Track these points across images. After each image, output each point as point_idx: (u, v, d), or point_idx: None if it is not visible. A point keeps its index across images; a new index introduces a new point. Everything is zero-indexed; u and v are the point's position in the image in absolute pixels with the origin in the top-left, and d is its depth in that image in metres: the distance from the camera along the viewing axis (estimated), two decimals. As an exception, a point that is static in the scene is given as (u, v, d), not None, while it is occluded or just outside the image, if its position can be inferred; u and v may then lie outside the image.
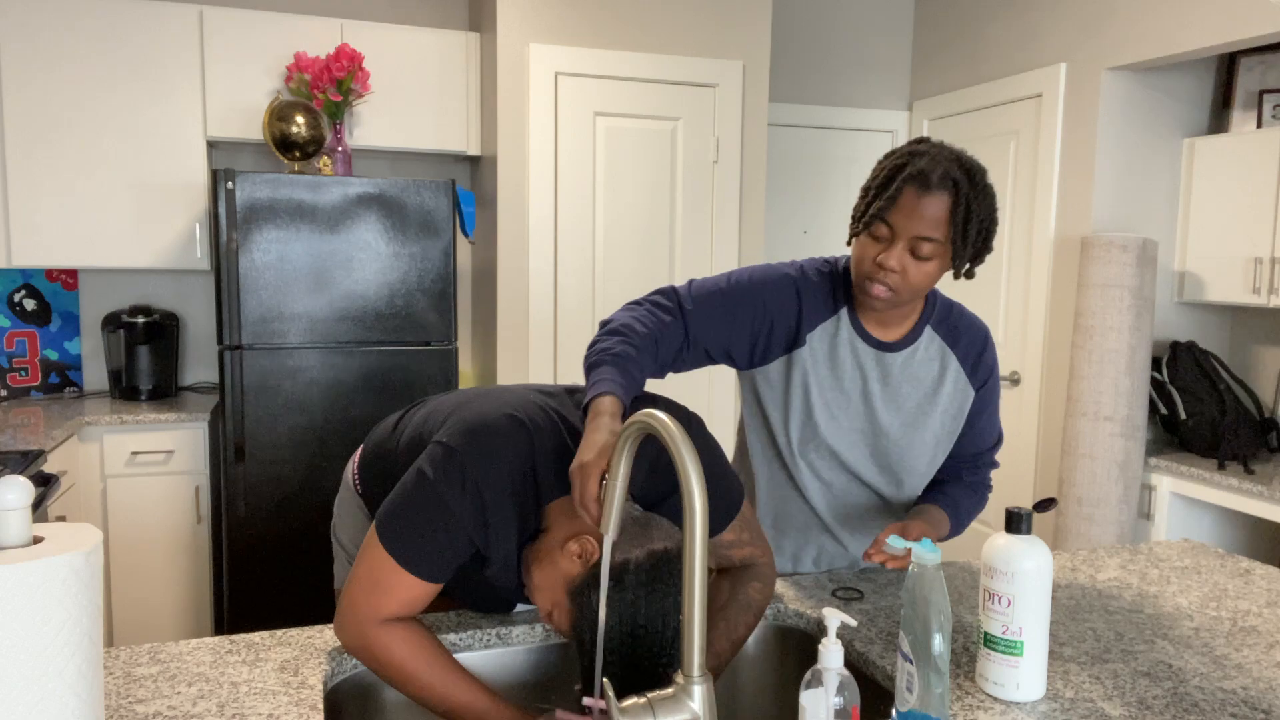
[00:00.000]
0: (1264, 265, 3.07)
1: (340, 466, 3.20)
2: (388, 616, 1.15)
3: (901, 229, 1.34)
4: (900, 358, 1.51)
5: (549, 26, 3.36)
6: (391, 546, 1.14)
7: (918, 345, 1.52)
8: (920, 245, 1.34)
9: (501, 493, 1.15)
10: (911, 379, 1.52)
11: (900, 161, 1.36)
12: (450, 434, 1.19)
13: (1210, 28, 2.93)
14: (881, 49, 4.36)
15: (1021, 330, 3.78)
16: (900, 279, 1.37)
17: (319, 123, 3.20)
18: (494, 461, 1.15)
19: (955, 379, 1.53)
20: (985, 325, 1.58)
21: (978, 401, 1.55)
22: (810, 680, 0.98)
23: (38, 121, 3.20)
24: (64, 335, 3.57)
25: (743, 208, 3.66)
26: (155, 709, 1.10)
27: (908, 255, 1.36)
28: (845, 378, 1.51)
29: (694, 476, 0.88)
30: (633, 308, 1.48)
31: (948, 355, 1.53)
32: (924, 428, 1.53)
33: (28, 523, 0.86)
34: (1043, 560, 1.14)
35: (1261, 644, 1.35)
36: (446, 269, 3.24)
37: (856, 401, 1.52)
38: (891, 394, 1.52)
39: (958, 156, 1.36)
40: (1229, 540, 3.32)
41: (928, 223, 1.33)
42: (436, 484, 1.14)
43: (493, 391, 1.31)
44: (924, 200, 1.32)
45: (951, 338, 1.53)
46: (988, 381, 1.56)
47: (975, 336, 1.55)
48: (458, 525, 1.13)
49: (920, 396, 1.53)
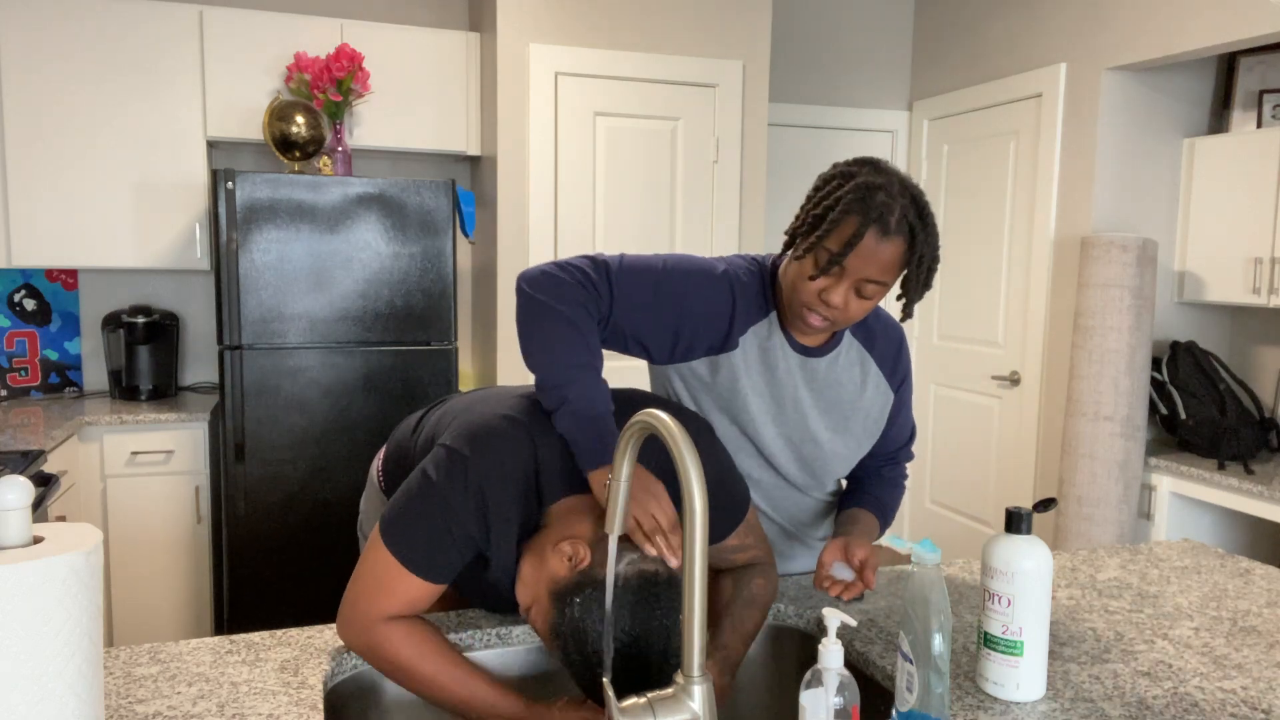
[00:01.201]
0: (1264, 265, 3.07)
1: (340, 466, 3.20)
2: (390, 615, 1.15)
3: (852, 269, 1.30)
4: (824, 363, 1.49)
5: (549, 26, 3.36)
6: (395, 547, 1.15)
7: (839, 351, 1.50)
8: (866, 286, 1.31)
9: (504, 494, 1.16)
10: (835, 384, 1.50)
11: (858, 195, 1.28)
12: (454, 436, 1.20)
13: (1210, 28, 2.93)
14: (881, 49, 4.36)
15: (1021, 330, 3.78)
16: (841, 313, 1.34)
17: (319, 123, 3.20)
18: (496, 463, 1.16)
19: (876, 383, 1.53)
20: (900, 327, 1.58)
21: (896, 402, 1.56)
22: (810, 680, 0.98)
23: (38, 121, 3.20)
24: (64, 335, 3.57)
25: (743, 208, 3.66)
26: (155, 709, 1.10)
27: (852, 293, 1.32)
28: (779, 383, 1.47)
29: (694, 477, 0.88)
30: (565, 280, 1.36)
31: (867, 359, 1.52)
32: (848, 432, 1.52)
33: (28, 523, 0.86)
34: (1043, 560, 1.14)
35: (1261, 644, 1.35)
36: (446, 269, 3.24)
37: (789, 408, 1.49)
38: (817, 398, 1.49)
39: (912, 195, 1.31)
40: (1229, 540, 3.32)
41: (880, 267, 1.29)
42: (439, 485, 1.15)
43: (500, 393, 1.32)
44: (882, 245, 1.28)
45: (869, 341, 1.53)
46: (904, 381, 1.57)
47: (890, 337, 1.55)
48: (460, 526, 1.14)
49: (845, 402, 1.51)
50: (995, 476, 3.94)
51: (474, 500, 1.14)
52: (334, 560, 3.23)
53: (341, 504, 3.22)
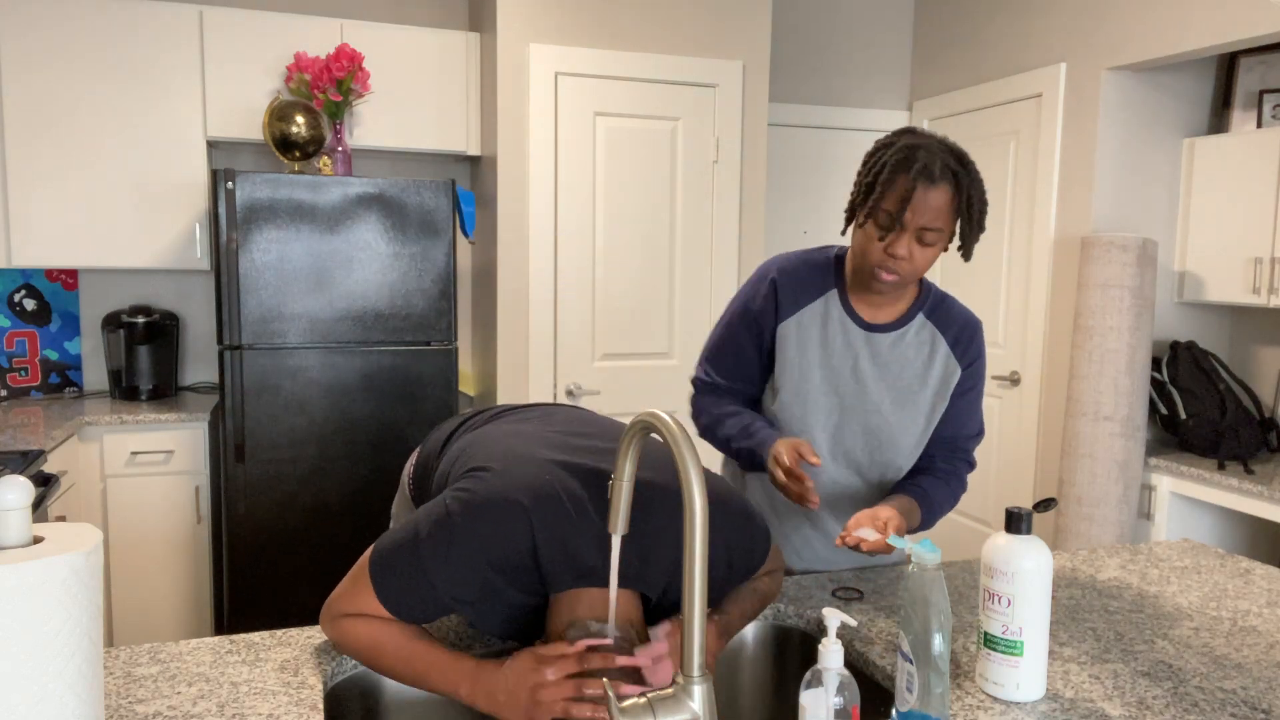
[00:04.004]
0: (1264, 265, 3.07)
1: (340, 466, 3.20)
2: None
3: (909, 221, 1.44)
4: (890, 339, 1.60)
5: (549, 26, 3.36)
6: (375, 580, 1.14)
7: (908, 329, 1.61)
8: (925, 234, 1.45)
9: (487, 572, 1.12)
10: (900, 359, 1.60)
11: (902, 156, 1.44)
12: (457, 496, 1.16)
13: (1210, 28, 2.93)
14: (881, 49, 4.36)
15: (1021, 330, 3.78)
16: (908, 265, 1.48)
17: (319, 123, 3.20)
18: (482, 542, 1.12)
19: (945, 360, 1.61)
20: (977, 317, 1.67)
21: (964, 379, 1.62)
22: (810, 680, 0.98)
23: (38, 121, 3.20)
24: (64, 335, 3.57)
25: (743, 208, 3.66)
26: (155, 709, 1.10)
27: (914, 243, 1.46)
28: (835, 355, 1.60)
29: (694, 477, 0.88)
30: (698, 409, 1.72)
31: (938, 339, 1.62)
32: (913, 405, 1.61)
33: (28, 523, 0.86)
34: (1043, 560, 1.14)
35: (1261, 644, 1.35)
36: (446, 269, 3.24)
37: (848, 377, 1.60)
38: (881, 371, 1.60)
39: (949, 147, 1.47)
40: (1229, 540, 3.32)
41: (934, 213, 1.43)
42: (421, 546, 1.12)
43: (528, 453, 1.23)
44: (930, 193, 1.42)
45: (943, 324, 1.62)
46: (975, 363, 1.63)
47: (966, 323, 1.64)
48: (431, 590, 1.12)
49: (910, 376, 1.61)
50: (995, 476, 3.94)
51: (455, 570, 1.11)
52: (334, 560, 3.23)
53: (341, 504, 3.22)
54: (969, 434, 1.66)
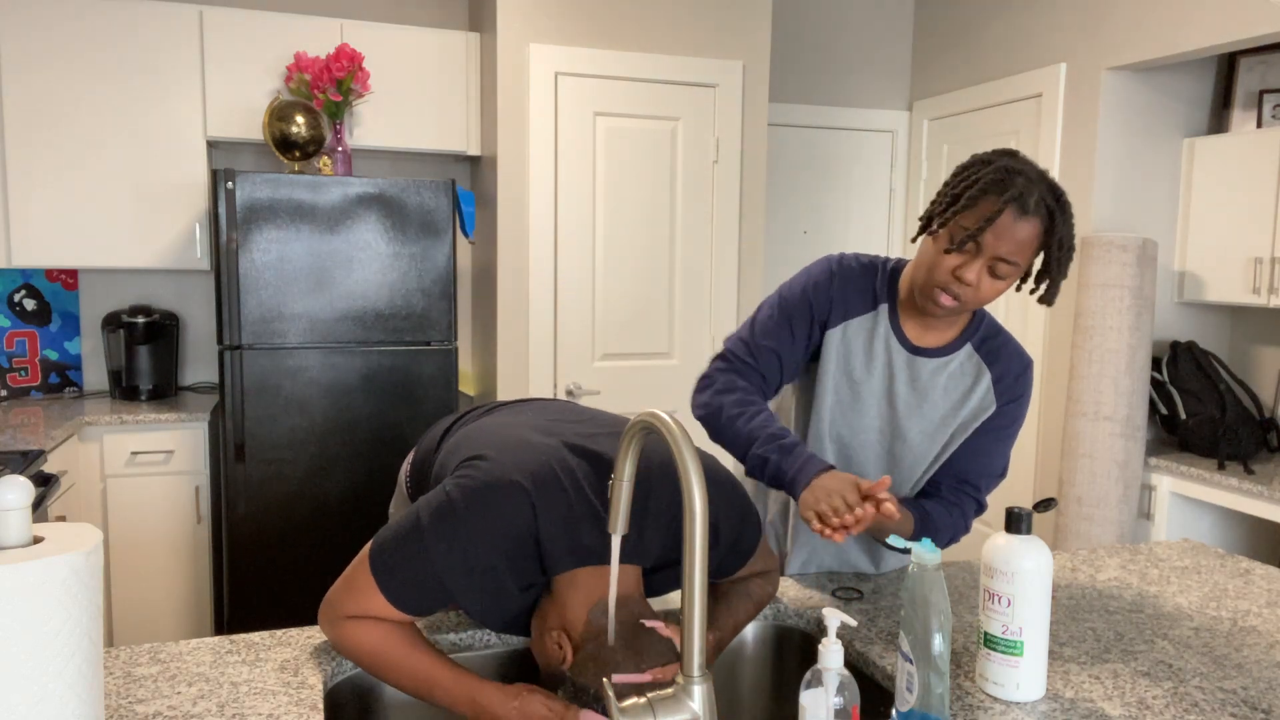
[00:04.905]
0: (1264, 265, 3.07)
1: (340, 466, 3.20)
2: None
3: (988, 246, 1.33)
4: (932, 364, 1.50)
5: (549, 26, 3.36)
6: (377, 574, 1.14)
7: (954, 357, 1.51)
8: (1000, 265, 1.34)
9: (492, 554, 1.13)
10: (940, 388, 1.51)
11: (998, 177, 1.33)
12: (457, 483, 1.17)
13: (1210, 28, 2.93)
14: (881, 49, 4.36)
15: (1021, 330, 3.78)
16: (973, 293, 1.37)
17: (319, 123, 3.20)
18: (486, 525, 1.13)
19: (983, 395, 1.51)
20: (1029, 356, 1.54)
21: (997, 415, 1.51)
22: (810, 680, 0.98)
23: (38, 121, 3.20)
24: (64, 335, 3.57)
25: (743, 208, 3.66)
26: (155, 709, 1.10)
27: (985, 272, 1.36)
28: (876, 374, 1.52)
29: (694, 477, 0.88)
30: (711, 375, 1.54)
31: (983, 372, 1.51)
32: (940, 436, 1.52)
33: (28, 523, 0.86)
34: (1043, 560, 1.14)
35: (1261, 644, 1.35)
36: (446, 269, 3.24)
37: (881, 399, 1.52)
38: (919, 398, 1.51)
39: (1049, 181, 1.35)
40: (1229, 540, 3.32)
41: (1016, 246, 1.32)
42: (425, 534, 1.13)
43: (519, 440, 1.25)
44: (1019, 224, 1.31)
45: (991, 357, 1.51)
46: (1015, 402, 1.52)
47: (1016, 362, 1.52)
48: (437, 579, 1.12)
49: (946, 408, 1.51)
50: (995, 476, 3.94)
51: (458, 557, 1.12)
52: (334, 560, 3.23)
53: (341, 504, 3.22)
54: (989, 473, 1.54)
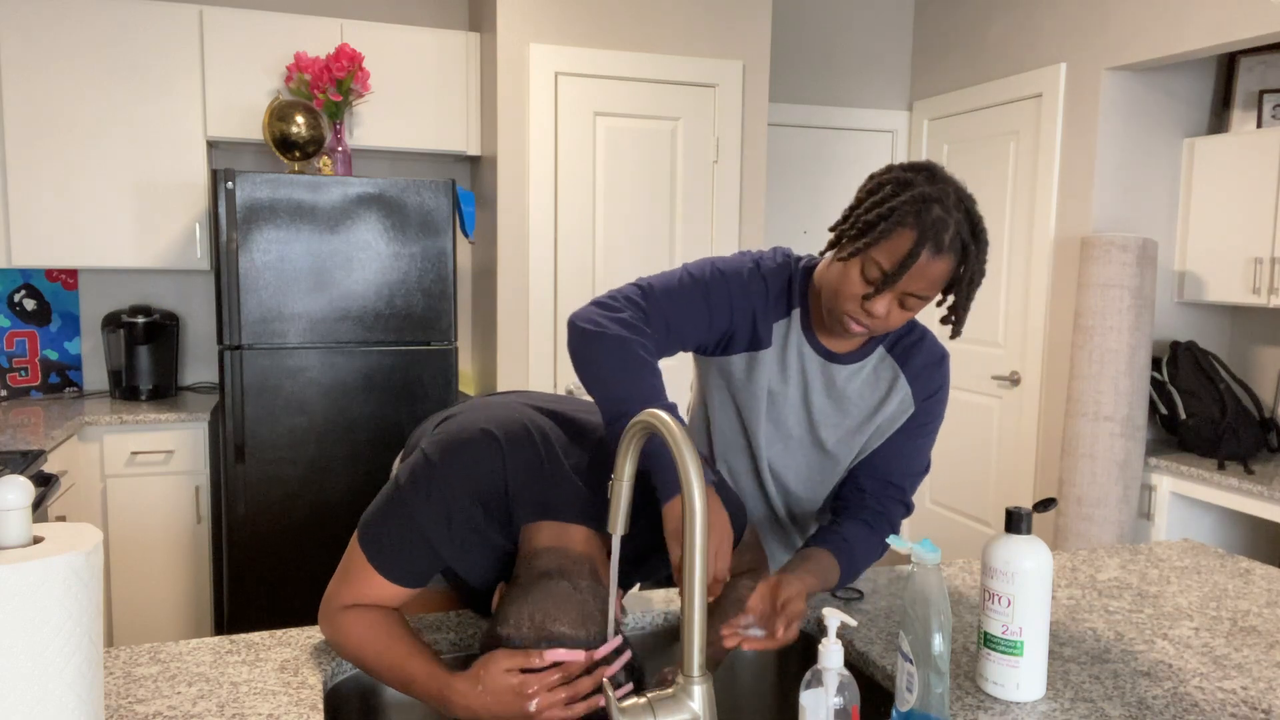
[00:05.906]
0: (1264, 265, 3.07)
1: (340, 466, 3.20)
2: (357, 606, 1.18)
3: (899, 285, 1.27)
4: (847, 371, 1.45)
5: (549, 26, 3.36)
6: (365, 548, 1.16)
7: (867, 362, 1.45)
8: (909, 299, 1.29)
9: (470, 504, 1.16)
10: (855, 394, 1.46)
11: (913, 209, 1.24)
12: (430, 442, 1.20)
13: (1210, 28, 2.93)
14: (881, 49, 4.36)
15: (1021, 330, 3.78)
16: (881, 323, 1.32)
17: (319, 123, 3.20)
18: (461, 474, 1.16)
19: (902, 399, 1.46)
20: (944, 349, 1.50)
21: (918, 414, 1.47)
22: (810, 680, 0.98)
23: (38, 121, 3.20)
24: (64, 335, 3.57)
25: (743, 208, 3.66)
26: (155, 709, 1.10)
27: (895, 303, 1.30)
28: (790, 381, 1.45)
29: (694, 477, 0.88)
30: (609, 304, 1.36)
31: (898, 376, 1.45)
32: (855, 442, 1.49)
33: (28, 523, 0.86)
34: (1043, 560, 1.14)
35: (1261, 644, 1.35)
36: (446, 269, 3.24)
37: (797, 405, 1.46)
38: (835, 405, 1.46)
39: (967, 209, 1.27)
40: (1229, 540, 3.32)
41: (928, 283, 1.26)
42: (405, 491, 1.16)
43: (492, 403, 1.30)
44: (932, 263, 1.25)
45: (904, 357, 1.46)
46: (932, 398, 1.47)
47: (930, 358, 1.47)
48: (422, 536, 1.14)
49: (861, 415, 1.47)
50: (995, 476, 3.94)
51: (438, 508, 1.14)
52: (334, 560, 3.23)
53: (341, 504, 3.22)
54: (912, 471, 1.48)
